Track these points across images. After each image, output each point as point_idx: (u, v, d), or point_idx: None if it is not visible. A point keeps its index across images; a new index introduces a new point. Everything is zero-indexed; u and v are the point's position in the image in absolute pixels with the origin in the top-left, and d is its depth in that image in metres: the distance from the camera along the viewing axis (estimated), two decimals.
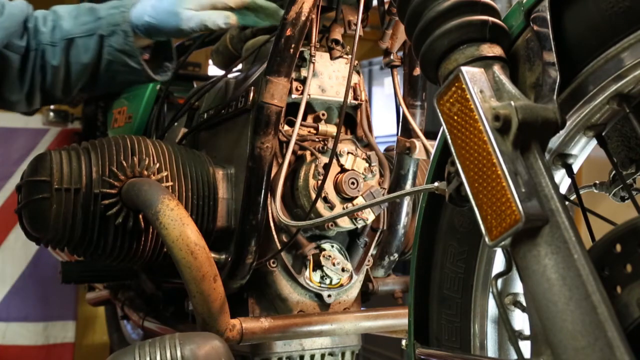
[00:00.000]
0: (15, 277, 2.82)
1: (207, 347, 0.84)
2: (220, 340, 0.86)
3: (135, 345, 0.84)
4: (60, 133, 2.90)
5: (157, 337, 0.85)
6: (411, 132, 1.26)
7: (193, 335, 0.86)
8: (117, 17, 1.25)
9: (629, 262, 0.54)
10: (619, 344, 0.48)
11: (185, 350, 0.82)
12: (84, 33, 1.25)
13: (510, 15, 0.65)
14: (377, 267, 1.35)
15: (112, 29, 1.25)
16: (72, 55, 1.27)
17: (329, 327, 1.14)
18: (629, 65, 0.57)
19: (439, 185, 0.65)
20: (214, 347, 0.84)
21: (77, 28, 1.26)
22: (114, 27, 1.25)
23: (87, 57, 1.26)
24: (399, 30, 1.22)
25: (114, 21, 1.25)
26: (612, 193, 0.80)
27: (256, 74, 1.24)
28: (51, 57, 1.26)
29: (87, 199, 1.10)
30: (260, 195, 1.09)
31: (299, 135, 1.19)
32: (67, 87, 1.30)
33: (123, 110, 1.96)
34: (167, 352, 0.82)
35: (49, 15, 1.28)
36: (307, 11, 1.06)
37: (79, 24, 1.26)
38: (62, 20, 1.27)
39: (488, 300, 0.72)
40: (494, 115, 0.57)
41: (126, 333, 2.35)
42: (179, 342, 0.83)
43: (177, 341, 0.83)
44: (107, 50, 1.26)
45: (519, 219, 0.53)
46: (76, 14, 1.28)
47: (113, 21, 1.25)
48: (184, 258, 0.97)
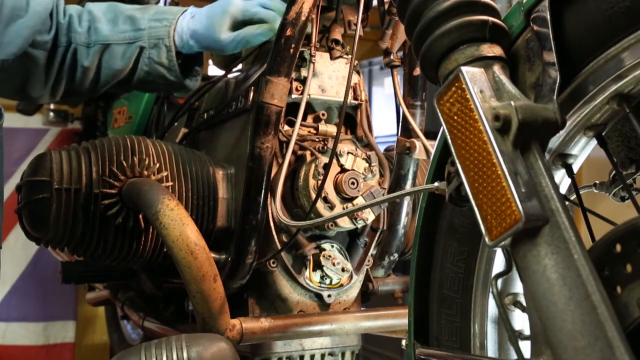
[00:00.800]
0: (15, 277, 2.82)
1: (213, 349, 0.84)
2: (227, 341, 0.86)
3: (141, 346, 0.84)
4: (60, 133, 2.90)
5: (163, 338, 0.85)
6: (411, 132, 1.26)
7: (199, 336, 0.86)
8: (160, 31, 1.26)
9: (629, 262, 0.54)
10: (619, 344, 0.48)
11: (192, 351, 0.82)
12: (123, 41, 1.26)
13: (510, 15, 0.65)
14: (377, 267, 1.35)
15: (154, 42, 1.25)
16: (106, 60, 1.27)
17: (329, 327, 1.14)
18: (629, 65, 0.57)
19: (439, 185, 0.65)
20: (221, 348, 0.84)
21: (115, 35, 1.26)
22: (157, 40, 1.25)
23: (122, 64, 1.27)
24: (399, 30, 1.22)
25: (156, 35, 1.25)
26: (612, 193, 0.80)
27: (256, 74, 1.24)
28: (84, 58, 1.26)
29: (87, 199, 1.10)
30: (260, 195, 1.09)
31: (299, 135, 1.19)
32: (94, 87, 1.31)
33: (123, 110, 1.96)
34: (174, 354, 0.82)
35: (84, 15, 1.28)
36: (307, 11, 1.06)
37: (118, 31, 1.26)
38: (99, 23, 1.27)
39: (488, 300, 0.72)
40: (494, 115, 0.57)
41: (126, 333, 2.36)
42: (186, 344, 0.83)
43: (184, 342, 0.83)
44: (145, 62, 1.27)
45: (519, 219, 0.53)
46: (113, 18, 1.28)
47: (155, 34, 1.25)
48: (184, 258, 0.97)
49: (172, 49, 1.26)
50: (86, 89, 1.31)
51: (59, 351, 2.89)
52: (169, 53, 1.26)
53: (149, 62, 1.27)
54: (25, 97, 1.32)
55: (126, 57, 1.26)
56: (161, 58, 1.26)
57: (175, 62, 1.27)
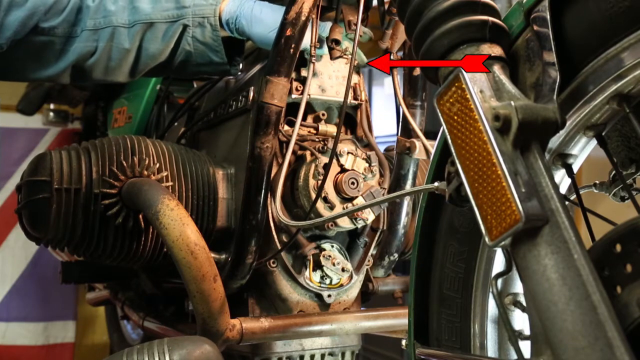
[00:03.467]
0: (15, 277, 2.83)
1: (197, 352, 0.82)
2: (211, 344, 0.85)
3: (123, 353, 0.83)
4: (60, 133, 2.90)
5: (146, 343, 0.83)
6: (411, 132, 1.26)
7: (182, 340, 0.84)
8: (206, 8, 1.20)
9: (629, 262, 0.54)
10: (619, 344, 0.48)
11: (175, 355, 0.81)
12: (166, 19, 1.20)
13: (510, 15, 0.65)
14: (377, 267, 1.35)
15: (199, 20, 1.19)
16: (147, 40, 1.21)
17: (329, 327, 1.14)
18: (629, 65, 0.57)
19: (439, 185, 0.65)
20: (204, 351, 0.83)
21: (158, 13, 1.20)
22: (202, 18, 1.19)
23: (163, 44, 1.21)
24: (399, 30, 1.22)
25: (201, 13, 1.20)
26: (612, 193, 0.80)
27: (256, 74, 1.24)
28: (124, 39, 1.21)
29: (87, 199, 1.10)
30: (260, 195, 1.09)
31: (299, 135, 1.19)
32: (133, 70, 1.25)
33: (123, 110, 1.96)
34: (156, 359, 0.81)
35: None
36: (307, 11, 1.06)
37: (161, 9, 1.21)
38: (139, 2, 1.21)
39: (488, 300, 0.72)
40: (494, 115, 0.57)
41: (126, 333, 2.36)
42: (168, 348, 0.81)
43: (166, 347, 0.81)
44: (188, 41, 1.21)
45: (519, 219, 0.53)
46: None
47: (201, 13, 1.20)
48: (184, 258, 0.97)
49: (218, 28, 1.20)
50: (126, 73, 1.26)
51: (59, 351, 2.89)
52: (214, 32, 1.20)
53: (193, 42, 1.21)
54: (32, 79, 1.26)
55: (168, 37, 1.21)
56: (206, 37, 1.20)
57: (220, 42, 1.21)
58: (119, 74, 1.25)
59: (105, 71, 1.25)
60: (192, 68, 1.26)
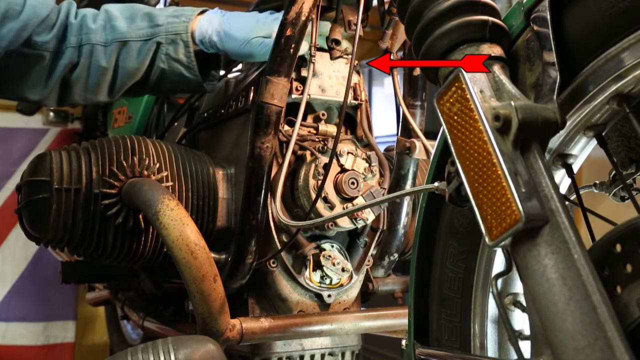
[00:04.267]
0: (15, 277, 2.82)
1: (201, 351, 0.82)
2: (215, 343, 0.85)
3: (127, 351, 0.83)
4: (60, 133, 2.90)
5: (150, 342, 0.83)
6: (411, 132, 1.26)
7: (187, 339, 0.84)
8: (178, 26, 1.22)
9: (629, 262, 0.54)
10: (619, 344, 0.48)
11: (180, 354, 0.81)
12: (140, 37, 1.23)
13: (510, 15, 0.65)
14: (377, 267, 1.35)
15: (171, 38, 1.22)
16: (122, 59, 1.24)
17: (329, 327, 1.14)
18: (629, 65, 0.57)
19: (439, 185, 0.65)
20: (209, 350, 0.83)
21: (132, 32, 1.23)
22: (174, 35, 1.22)
23: (138, 62, 1.24)
24: (399, 30, 1.22)
25: (174, 30, 1.22)
26: (612, 193, 0.80)
27: (256, 74, 1.24)
28: (101, 58, 1.23)
29: (87, 199, 1.10)
30: (260, 195, 1.09)
31: (299, 135, 1.19)
32: (111, 89, 1.28)
33: (123, 110, 1.96)
34: (161, 358, 0.81)
35: (100, 14, 1.25)
36: (307, 11, 1.06)
37: (135, 28, 1.23)
38: (116, 21, 1.24)
39: (488, 300, 0.72)
40: (494, 115, 0.57)
41: (126, 333, 2.36)
42: (173, 347, 0.82)
43: (171, 346, 0.82)
44: (162, 58, 1.23)
45: (519, 219, 0.53)
46: (130, 15, 1.25)
47: (173, 30, 1.22)
48: (184, 258, 0.97)
49: (190, 44, 1.22)
50: (105, 92, 1.28)
51: (59, 351, 2.89)
52: (186, 49, 1.22)
53: (166, 59, 1.23)
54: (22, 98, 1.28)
55: (142, 55, 1.23)
56: (179, 54, 1.23)
57: (193, 58, 1.23)
58: (99, 92, 1.28)
59: (85, 89, 1.27)
60: (167, 85, 1.29)
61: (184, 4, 1.89)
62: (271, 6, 1.26)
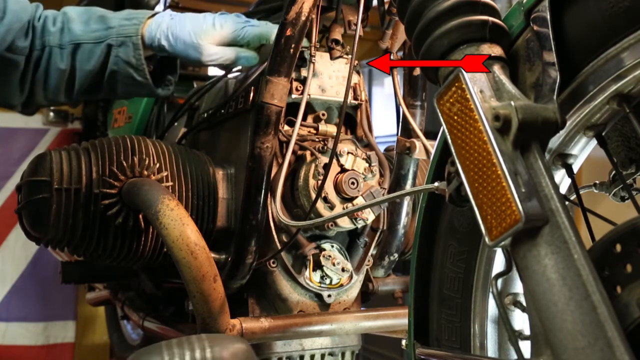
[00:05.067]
0: (15, 277, 2.82)
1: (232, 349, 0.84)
2: (245, 342, 0.86)
3: (161, 345, 0.84)
4: (60, 133, 2.90)
5: (184, 338, 0.84)
6: (411, 132, 1.26)
7: (221, 337, 0.86)
8: (129, 28, 1.23)
9: (629, 262, 0.54)
10: (619, 344, 0.48)
11: (215, 351, 0.82)
12: (92, 40, 1.24)
13: (510, 15, 0.65)
14: (377, 267, 1.35)
15: (121, 40, 1.23)
16: (78, 61, 1.25)
17: (329, 327, 1.14)
18: (629, 65, 0.57)
19: (439, 185, 0.65)
20: (241, 349, 0.84)
21: (86, 34, 1.24)
22: (125, 38, 1.23)
23: (92, 64, 1.25)
24: (399, 30, 1.22)
25: (124, 32, 1.23)
26: (612, 193, 0.80)
27: (256, 74, 1.24)
28: (59, 60, 1.25)
29: (87, 199, 1.10)
30: (260, 195, 1.09)
31: (299, 135, 1.19)
32: (70, 91, 1.29)
33: (123, 110, 1.96)
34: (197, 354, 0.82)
35: (59, 17, 1.27)
36: (307, 11, 1.06)
37: (89, 31, 1.25)
38: (73, 24, 1.25)
39: (488, 300, 0.72)
40: (494, 115, 0.57)
41: (126, 333, 2.36)
42: (208, 344, 0.83)
43: (206, 342, 0.83)
44: (113, 60, 1.24)
45: (519, 219, 0.53)
46: (86, 18, 1.26)
47: (124, 32, 1.23)
48: (184, 258, 0.97)
49: (140, 47, 1.23)
50: (64, 94, 1.29)
51: (59, 351, 2.89)
52: (136, 52, 1.23)
53: (117, 61, 1.24)
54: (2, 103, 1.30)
55: (95, 57, 1.24)
56: (129, 57, 1.23)
57: (143, 61, 1.23)
58: (59, 94, 1.30)
59: (45, 91, 1.29)
60: (121, 88, 1.29)
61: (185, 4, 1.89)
62: (271, 6, 1.26)
